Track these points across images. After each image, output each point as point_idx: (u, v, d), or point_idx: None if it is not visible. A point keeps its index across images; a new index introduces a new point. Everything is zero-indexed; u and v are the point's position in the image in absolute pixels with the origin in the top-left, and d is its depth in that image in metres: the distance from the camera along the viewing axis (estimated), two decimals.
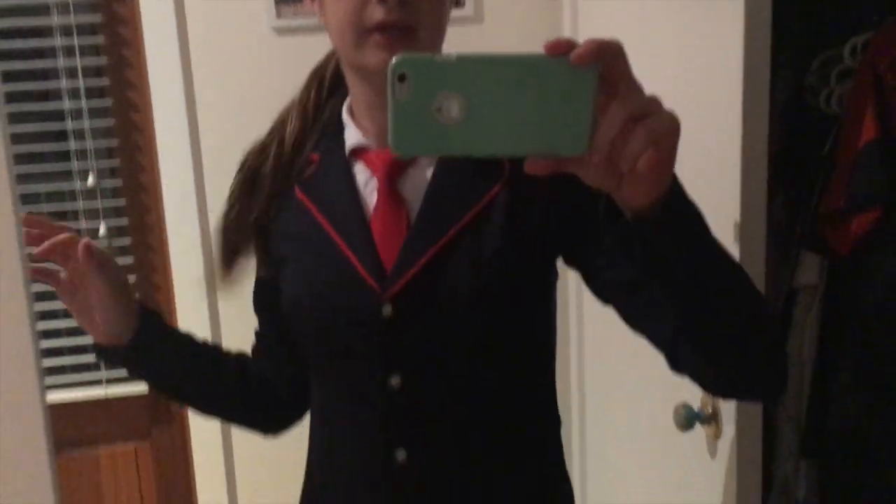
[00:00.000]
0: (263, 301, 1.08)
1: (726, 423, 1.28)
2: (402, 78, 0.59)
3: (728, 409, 1.27)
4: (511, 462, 0.98)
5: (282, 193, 1.00)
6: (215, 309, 2.10)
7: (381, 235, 0.93)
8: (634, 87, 0.61)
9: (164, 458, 2.34)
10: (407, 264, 0.90)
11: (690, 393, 1.32)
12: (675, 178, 0.68)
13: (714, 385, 0.86)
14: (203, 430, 2.18)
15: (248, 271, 1.06)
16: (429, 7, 0.87)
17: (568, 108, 0.60)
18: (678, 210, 0.68)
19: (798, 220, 1.36)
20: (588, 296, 0.97)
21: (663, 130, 0.60)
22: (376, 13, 0.85)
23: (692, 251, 0.70)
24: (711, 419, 1.30)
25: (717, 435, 1.30)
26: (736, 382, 0.84)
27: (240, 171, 1.03)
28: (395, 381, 0.92)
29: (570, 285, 1.92)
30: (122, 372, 2.15)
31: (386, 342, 0.92)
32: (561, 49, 0.58)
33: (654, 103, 0.61)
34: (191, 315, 2.12)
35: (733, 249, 1.17)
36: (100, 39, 2.05)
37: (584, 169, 0.62)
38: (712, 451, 1.33)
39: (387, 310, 0.91)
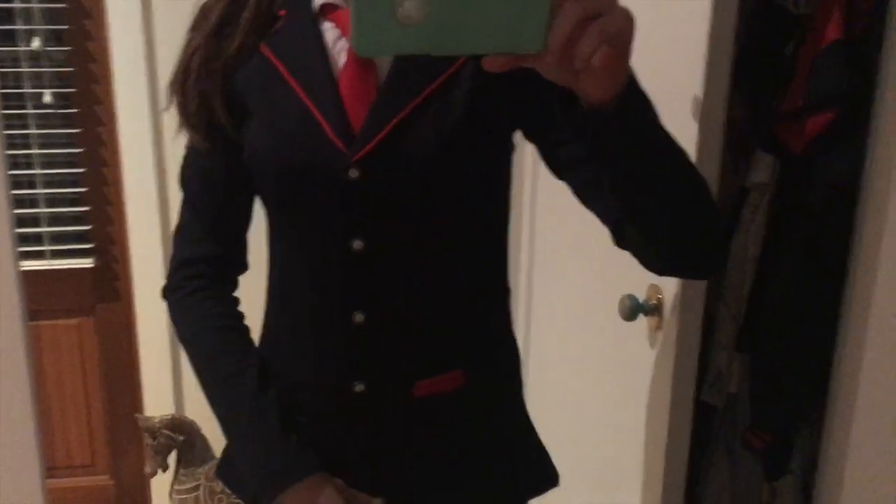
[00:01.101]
0: (221, 158, 1.02)
1: (669, 315, 1.32)
2: None
3: (671, 301, 1.30)
4: (462, 325, 1.01)
5: (248, 47, 0.96)
6: (164, 183, 2.06)
7: (349, 96, 0.92)
8: None
9: (109, 335, 2.33)
10: (375, 127, 0.90)
11: (636, 284, 1.36)
12: (631, 75, 0.71)
13: (654, 263, 0.90)
14: (149, 307, 2.18)
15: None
16: None
17: (525, 6, 0.61)
18: (632, 106, 0.71)
19: (756, 119, 1.37)
20: (542, 182, 0.99)
21: (617, 28, 0.62)
22: None
23: (641, 144, 0.74)
24: (654, 311, 1.34)
25: (658, 326, 1.34)
26: (675, 261, 0.89)
27: (205, 13, 0.98)
28: (357, 244, 0.93)
29: (527, 160, 1.93)
30: (67, 243, 2.12)
31: (350, 205, 0.92)
32: None
33: (608, 2, 0.62)
34: (139, 193, 2.08)
35: (690, 144, 1.18)
36: None
37: (542, 65, 0.65)
38: (652, 342, 1.37)
39: (353, 172, 0.90)
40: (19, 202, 2.13)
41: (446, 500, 1.03)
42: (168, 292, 1.07)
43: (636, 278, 1.32)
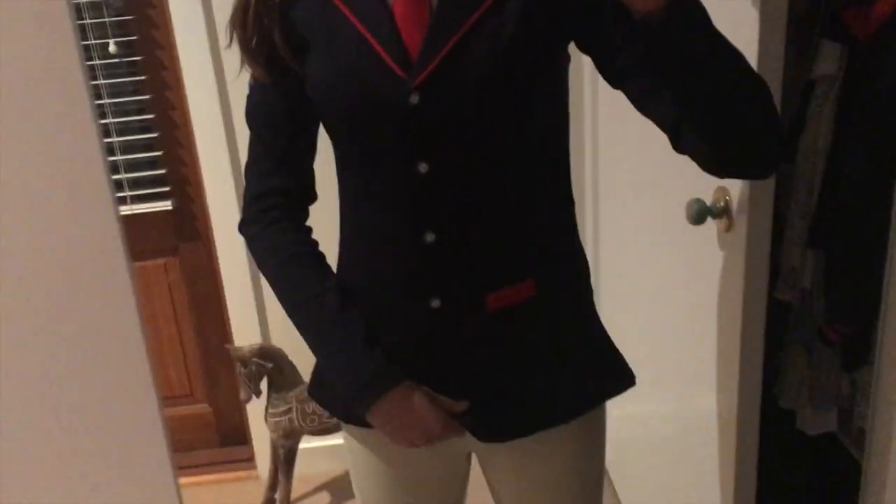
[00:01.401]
0: (284, 92, 1.05)
1: (737, 216, 1.31)
2: None
3: (739, 202, 1.29)
4: (530, 237, 1.04)
5: None
6: (230, 123, 2.11)
7: (404, 24, 0.93)
8: None
9: (193, 272, 2.43)
10: (432, 52, 0.91)
11: (703, 188, 1.35)
12: None
13: (712, 165, 0.90)
14: (228, 246, 2.26)
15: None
16: None
17: None
18: (682, 13, 0.72)
19: (821, 9, 1.33)
20: (602, 92, 0.99)
21: None
22: None
23: (694, 47, 0.75)
24: (723, 213, 1.33)
25: (728, 228, 1.34)
26: (734, 163, 0.90)
27: None
28: (422, 166, 0.96)
29: (586, 72, 1.91)
30: (145, 188, 2.20)
31: (413, 129, 0.94)
32: None
33: None
34: (208, 132, 2.13)
35: (752, 38, 1.15)
36: None
37: None
38: (722, 244, 1.37)
39: (414, 98, 0.92)
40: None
41: (527, 403, 1.07)
42: (244, 226, 1.11)
43: (703, 182, 1.31)
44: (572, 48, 1.01)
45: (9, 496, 0.88)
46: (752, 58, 1.15)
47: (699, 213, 1.35)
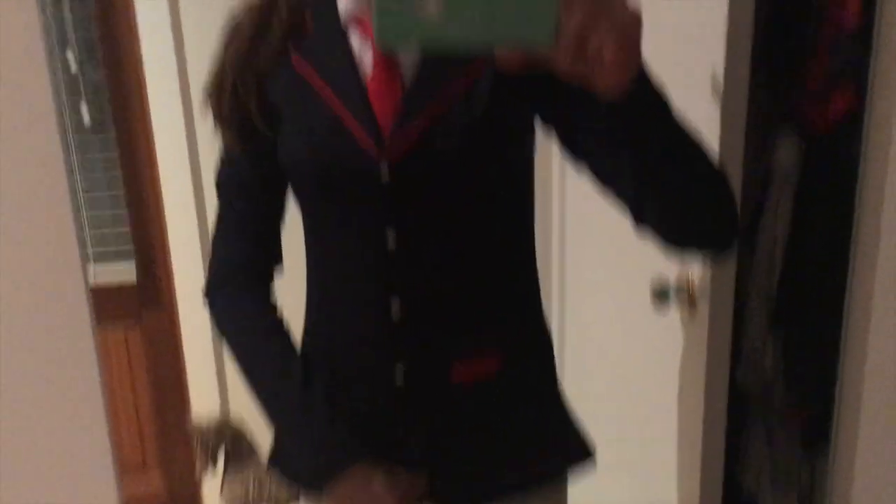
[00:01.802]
0: (256, 160, 1.06)
1: (700, 299, 1.34)
2: None
3: (701, 284, 1.32)
4: (495, 311, 1.04)
5: (279, 53, 1.00)
6: (201, 198, 2.12)
7: (377, 99, 0.95)
8: None
9: (155, 341, 2.40)
10: (403, 127, 0.93)
11: (666, 268, 1.38)
12: (643, 69, 0.74)
13: (671, 239, 0.92)
14: (191, 313, 2.23)
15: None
16: None
17: (536, 3, 0.64)
18: (644, 98, 0.75)
19: (780, 100, 1.39)
20: (570, 170, 1.02)
21: (625, 23, 0.65)
22: None
23: (652, 122, 0.78)
24: (685, 293, 1.36)
25: (690, 309, 1.36)
26: (692, 237, 0.91)
27: (236, 27, 1.03)
28: (391, 239, 0.96)
29: (555, 148, 1.95)
30: (112, 258, 2.18)
31: (383, 202, 0.96)
32: None
33: None
34: (177, 205, 2.13)
35: (713, 127, 1.20)
36: None
37: (554, 64, 0.67)
38: (685, 324, 1.40)
39: (384, 170, 0.94)
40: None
41: (487, 476, 1.06)
42: (209, 293, 1.10)
43: (666, 262, 1.34)
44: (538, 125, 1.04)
45: None
46: (713, 146, 1.19)
47: (662, 293, 1.37)
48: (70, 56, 2.07)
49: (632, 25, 0.67)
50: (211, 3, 1.92)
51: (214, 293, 1.10)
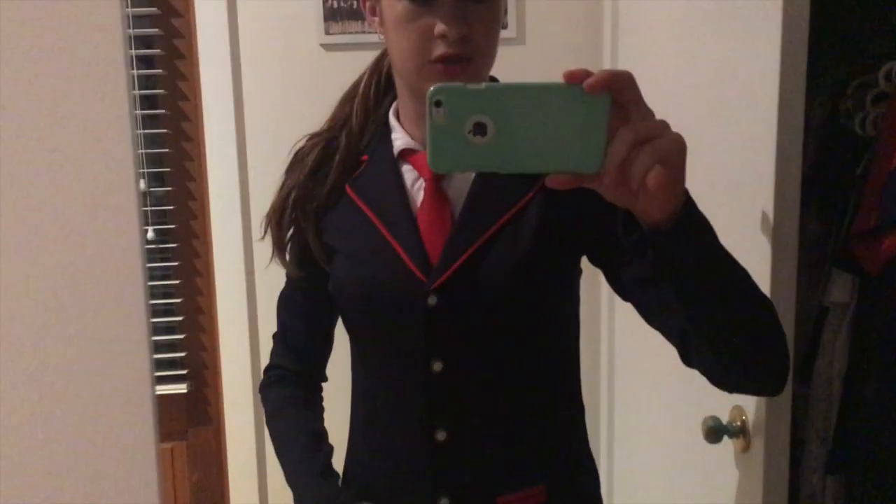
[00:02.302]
0: (309, 287, 1.13)
1: (754, 437, 1.30)
2: (438, 104, 0.67)
3: (756, 423, 1.29)
4: (541, 441, 1.04)
5: (337, 188, 1.05)
6: (254, 313, 2.16)
7: (426, 231, 0.99)
8: (644, 112, 0.69)
9: (200, 459, 2.39)
10: (451, 257, 0.96)
11: (719, 406, 1.35)
12: (687, 195, 0.76)
13: (720, 379, 0.91)
14: (238, 432, 2.24)
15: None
16: (484, 38, 0.94)
17: (584, 130, 0.67)
18: (688, 224, 0.76)
19: (831, 238, 1.39)
20: (619, 303, 1.02)
21: (668, 149, 0.68)
22: (438, 48, 0.92)
23: (701, 260, 0.78)
24: (740, 433, 1.32)
25: (744, 448, 1.32)
26: (740, 378, 0.91)
27: (300, 158, 1.09)
28: (436, 366, 0.98)
29: (603, 291, 1.96)
30: (162, 370, 2.22)
31: (430, 330, 0.98)
32: (577, 78, 0.66)
33: (661, 126, 0.69)
34: (231, 321, 2.18)
35: (765, 264, 1.20)
36: (155, 50, 2.14)
37: (601, 186, 0.70)
38: (739, 465, 1.35)
39: (432, 300, 0.96)
40: None
41: None
42: (261, 389, 1.21)
43: (719, 400, 1.31)
44: (585, 262, 1.06)
45: None
46: (765, 283, 1.19)
47: (715, 432, 1.34)
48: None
49: (676, 152, 0.69)
50: (276, 134, 2.02)
51: (263, 387, 1.20)
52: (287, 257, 1.09)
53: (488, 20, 0.94)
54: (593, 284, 1.08)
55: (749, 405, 1.29)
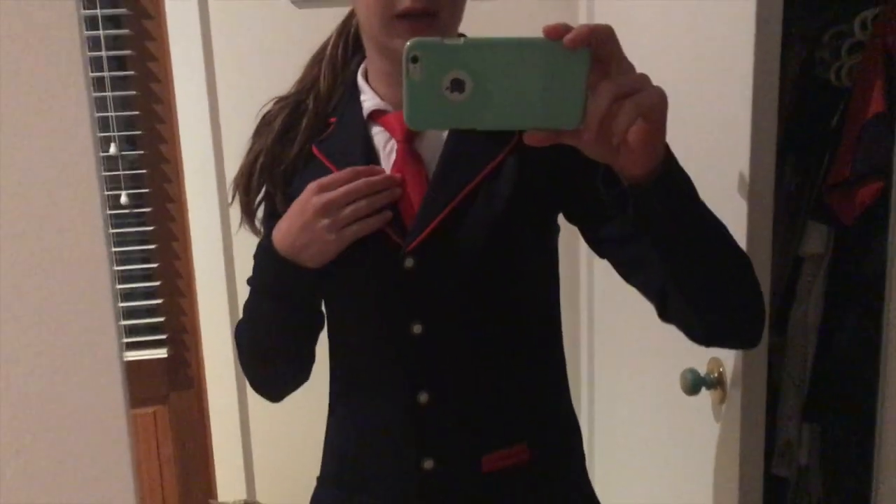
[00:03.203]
0: None
1: (731, 388, 1.32)
2: (414, 59, 0.66)
3: (733, 374, 1.31)
4: (524, 400, 1.04)
5: (306, 150, 1.04)
6: (232, 275, 2.15)
7: (400, 192, 0.98)
8: (623, 67, 0.68)
9: (182, 423, 2.39)
10: (427, 219, 0.95)
11: (696, 358, 1.36)
12: (667, 150, 0.76)
13: (698, 332, 0.92)
14: (220, 394, 2.24)
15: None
16: None
17: (563, 85, 0.66)
18: (670, 179, 0.76)
19: (806, 190, 1.39)
20: (598, 262, 1.02)
21: (650, 104, 0.67)
22: (403, 2, 0.90)
23: (681, 215, 0.79)
24: (717, 384, 1.34)
25: (721, 399, 1.34)
26: (719, 331, 0.92)
27: (267, 122, 1.07)
28: (416, 328, 0.98)
29: (582, 248, 1.96)
30: (141, 337, 2.21)
31: (408, 292, 0.97)
32: (556, 33, 0.65)
33: (642, 80, 0.68)
34: (209, 283, 2.17)
35: (741, 215, 1.21)
36: (122, 10, 2.09)
37: (581, 142, 0.69)
38: (717, 415, 1.37)
39: (409, 262, 0.96)
40: None
41: None
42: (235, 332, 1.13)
43: (696, 352, 1.33)
44: (562, 220, 1.05)
45: None
46: (741, 235, 1.20)
47: (693, 384, 1.36)
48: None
49: (658, 106, 0.68)
50: (249, 94, 1.99)
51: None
52: (256, 223, 1.07)
53: None
54: (572, 241, 1.08)
55: (726, 357, 1.31)
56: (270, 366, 1.08)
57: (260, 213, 1.08)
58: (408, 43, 0.65)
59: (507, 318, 1.02)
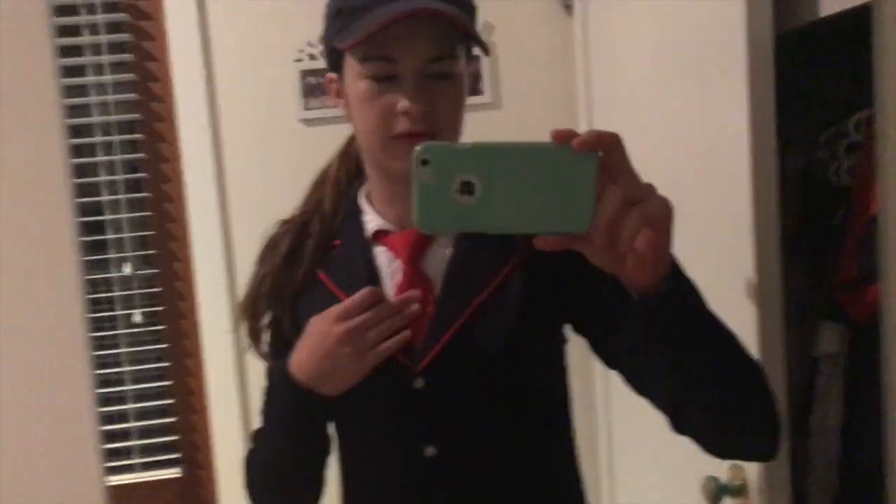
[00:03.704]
0: None
1: (756, 495, 1.27)
2: (424, 162, 0.66)
3: (756, 480, 1.26)
4: None
5: (311, 274, 1.04)
6: (246, 392, 2.14)
7: (418, 309, 0.98)
8: (630, 175, 0.69)
9: None
10: (435, 339, 0.95)
11: (717, 465, 1.32)
12: (674, 262, 0.76)
13: (713, 446, 0.90)
14: None
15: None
16: (448, 114, 0.95)
17: (571, 190, 0.67)
18: (677, 289, 0.76)
19: (817, 290, 1.38)
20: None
21: (656, 213, 0.68)
22: (401, 124, 0.92)
23: (689, 325, 0.78)
24: (740, 492, 1.30)
25: None
26: (733, 444, 0.90)
27: (272, 246, 1.08)
28: (429, 450, 0.96)
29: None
30: (155, 456, 2.17)
31: (419, 413, 0.96)
32: (565, 137, 0.66)
33: (648, 189, 0.69)
34: (222, 400, 2.15)
35: (751, 319, 1.19)
36: (137, 133, 2.15)
37: (589, 248, 0.70)
38: None
39: (418, 383, 0.95)
40: (109, 418, 2.22)
41: None
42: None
43: (717, 459, 1.29)
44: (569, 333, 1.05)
45: None
46: (752, 339, 1.18)
47: (716, 492, 1.31)
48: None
49: (664, 215, 0.69)
50: (259, 210, 2.02)
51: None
52: (264, 348, 1.07)
53: (452, 96, 0.95)
54: (586, 348, 1.06)
55: (748, 463, 1.27)
56: (283, 497, 1.06)
57: (265, 337, 1.08)
58: (417, 147, 0.66)
59: (520, 433, 1.00)
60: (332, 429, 1.06)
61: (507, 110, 2.11)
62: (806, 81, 1.45)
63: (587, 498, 1.10)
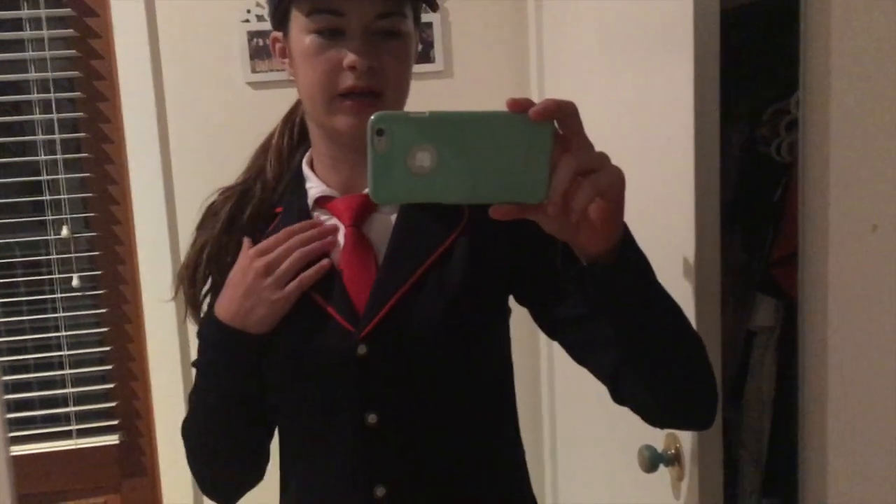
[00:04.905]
0: None
1: (689, 464, 1.30)
2: (379, 132, 0.65)
3: (691, 450, 1.29)
4: (485, 488, 1.02)
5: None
6: (187, 359, 2.11)
7: (350, 278, 0.97)
8: (585, 144, 0.68)
9: None
10: (378, 305, 0.94)
11: (653, 435, 1.35)
12: (626, 229, 0.76)
13: (652, 415, 0.91)
14: (174, 482, 2.17)
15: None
16: (395, 72, 0.93)
17: (527, 160, 0.66)
18: (628, 257, 0.76)
19: (754, 264, 1.41)
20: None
21: (609, 183, 0.68)
22: (346, 80, 0.91)
23: (638, 294, 0.79)
24: (674, 460, 1.32)
25: (680, 477, 1.32)
26: (672, 413, 0.91)
27: (213, 213, 1.06)
28: (371, 418, 0.95)
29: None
30: (93, 423, 2.14)
31: (362, 381, 0.95)
32: (521, 106, 0.65)
33: (602, 158, 0.69)
34: (163, 366, 2.12)
35: (689, 292, 1.21)
36: (76, 91, 2.09)
37: (543, 217, 0.70)
38: (676, 493, 1.35)
39: (361, 349, 0.94)
40: (48, 383, 2.17)
41: None
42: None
43: (653, 429, 1.31)
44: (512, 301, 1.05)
45: None
46: (690, 311, 1.20)
47: (651, 461, 1.34)
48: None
49: (616, 185, 0.69)
50: (205, 175, 1.99)
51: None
52: (202, 315, 1.05)
53: (399, 55, 0.93)
54: (530, 319, 1.06)
55: (683, 433, 1.30)
56: (220, 460, 1.04)
57: (205, 306, 1.06)
58: (373, 116, 0.65)
59: (464, 403, 1.00)
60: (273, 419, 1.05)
61: (458, 78, 2.10)
62: (753, 58, 1.47)
63: (528, 471, 1.11)
